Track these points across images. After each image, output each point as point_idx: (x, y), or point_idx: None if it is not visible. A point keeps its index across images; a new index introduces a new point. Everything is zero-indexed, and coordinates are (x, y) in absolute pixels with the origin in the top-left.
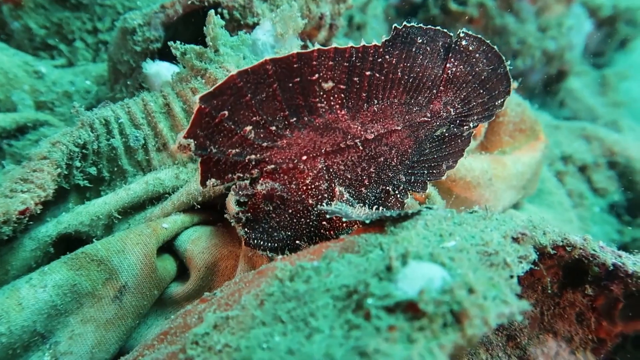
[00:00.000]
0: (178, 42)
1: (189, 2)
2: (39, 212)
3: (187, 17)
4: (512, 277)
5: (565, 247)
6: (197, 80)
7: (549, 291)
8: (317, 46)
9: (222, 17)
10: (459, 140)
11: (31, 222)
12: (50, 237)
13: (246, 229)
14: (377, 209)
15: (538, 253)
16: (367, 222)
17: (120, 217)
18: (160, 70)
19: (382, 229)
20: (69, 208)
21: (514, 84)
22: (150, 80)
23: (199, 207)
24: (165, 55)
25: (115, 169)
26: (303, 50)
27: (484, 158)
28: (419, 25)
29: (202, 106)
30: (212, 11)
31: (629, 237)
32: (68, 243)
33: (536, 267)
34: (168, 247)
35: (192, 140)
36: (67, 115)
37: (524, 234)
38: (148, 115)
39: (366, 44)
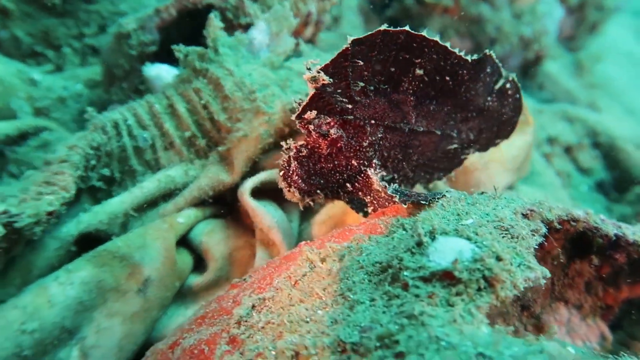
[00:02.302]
0: (181, 44)
1: (182, 5)
2: (63, 212)
3: (180, 19)
4: (530, 247)
5: (570, 221)
6: (199, 80)
7: (561, 261)
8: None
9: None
10: (456, 161)
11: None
12: (72, 236)
13: (297, 162)
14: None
15: (547, 227)
16: (404, 205)
17: (136, 214)
18: (160, 73)
19: (399, 212)
20: (85, 209)
21: None
22: (151, 83)
23: (210, 200)
24: (159, 57)
25: (126, 168)
26: (428, 36)
27: None
28: (497, 59)
29: (349, 48)
30: (212, 14)
31: (618, 213)
32: (86, 242)
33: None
34: (182, 240)
35: (323, 75)
36: (63, 120)
37: (532, 210)
38: (154, 116)
39: (463, 56)
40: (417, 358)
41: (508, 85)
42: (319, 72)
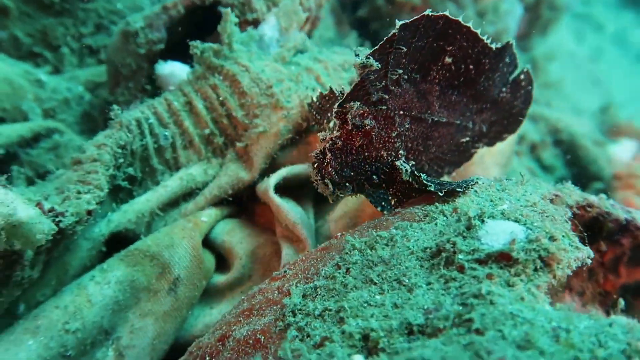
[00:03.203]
0: (197, 41)
1: (190, 1)
2: (99, 211)
3: (184, 16)
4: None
5: (586, 206)
6: (215, 77)
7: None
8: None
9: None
10: (466, 154)
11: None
12: (104, 235)
13: (331, 154)
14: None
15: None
16: (440, 194)
17: (161, 213)
18: (174, 70)
19: (429, 201)
20: (113, 208)
21: None
22: (165, 81)
23: (230, 199)
24: (164, 55)
25: (147, 168)
26: (462, 21)
27: None
28: (515, 49)
29: (396, 34)
30: (228, 9)
31: None
32: (112, 242)
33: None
34: (203, 240)
35: (373, 62)
36: (68, 121)
37: (557, 196)
38: (173, 114)
39: (489, 44)
40: (495, 333)
41: (522, 77)
42: (368, 58)
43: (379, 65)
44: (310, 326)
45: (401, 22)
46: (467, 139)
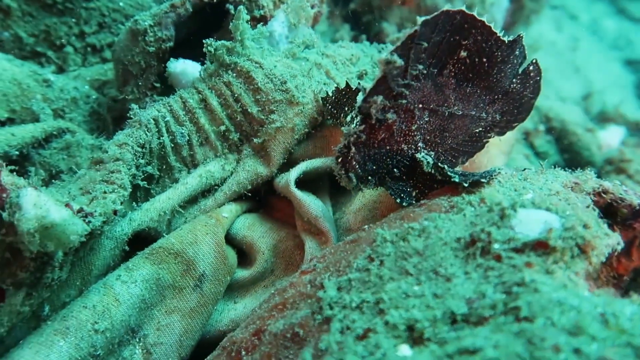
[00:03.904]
0: (210, 39)
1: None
2: (123, 211)
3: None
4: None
5: (601, 192)
6: (228, 73)
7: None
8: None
9: (229, 12)
10: (478, 144)
11: None
12: (127, 234)
13: (355, 148)
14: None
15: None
16: (466, 184)
17: (182, 211)
18: (186, 68)
19: (454, 191)
20: (133, 207)
21: None
22: (177, 79)
23: (249, 194)
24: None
25: (164, 166)
26: (477, 16)
27: None
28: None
29: (417, 30)
30: (241, 7)
31: None
32: (134, 240)
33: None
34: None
35: (398, 59)
36: (77, 121)
37: (576, 183)
38: (188, 112)
39: (501, 37)
40: (545, 320)
41: (531, 68)
42: (392, 54)
43: (402, 62)
44: (348, 318)
45: (422, 19)
46: (481, 129)
